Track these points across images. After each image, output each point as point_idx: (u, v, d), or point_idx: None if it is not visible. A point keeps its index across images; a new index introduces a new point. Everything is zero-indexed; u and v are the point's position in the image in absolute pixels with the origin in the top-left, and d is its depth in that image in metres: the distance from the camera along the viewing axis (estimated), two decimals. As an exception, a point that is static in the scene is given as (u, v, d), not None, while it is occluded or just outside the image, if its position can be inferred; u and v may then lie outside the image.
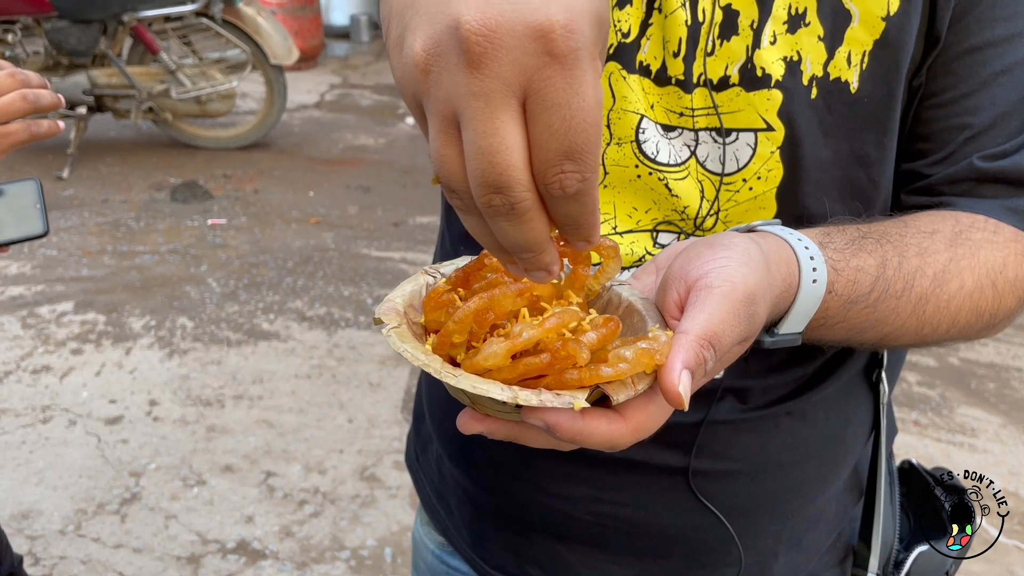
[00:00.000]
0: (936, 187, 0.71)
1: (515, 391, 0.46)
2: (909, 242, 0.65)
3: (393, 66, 0.42)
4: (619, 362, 0.46)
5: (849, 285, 0.61)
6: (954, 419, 3.00)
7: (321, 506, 2.47)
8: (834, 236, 0.63)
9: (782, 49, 0.67)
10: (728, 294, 0.49)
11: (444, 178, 0.41)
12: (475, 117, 0.38)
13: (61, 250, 3.91)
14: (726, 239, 0.54)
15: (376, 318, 0.52)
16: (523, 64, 0.37)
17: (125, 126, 5.45)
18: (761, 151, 0.68)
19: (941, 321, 0.66)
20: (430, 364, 0.48)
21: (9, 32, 4.54)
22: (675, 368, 0.46)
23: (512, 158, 0.38)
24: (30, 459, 2.59)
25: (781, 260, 0.57)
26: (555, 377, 0.47)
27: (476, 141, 0.38)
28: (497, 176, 0.39)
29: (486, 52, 0.37)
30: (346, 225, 4.33)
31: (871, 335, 0.65)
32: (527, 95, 0.38)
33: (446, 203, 0.86)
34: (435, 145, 0.40)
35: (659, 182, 0.70)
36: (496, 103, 0.38)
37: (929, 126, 0.70)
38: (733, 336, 0.49)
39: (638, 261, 0.73)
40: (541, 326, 0.48)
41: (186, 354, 3.16)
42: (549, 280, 0.46)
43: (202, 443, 2.70)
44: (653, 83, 0.69)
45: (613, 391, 0.47)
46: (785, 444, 0.79)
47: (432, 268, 0.59)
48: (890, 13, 0.66)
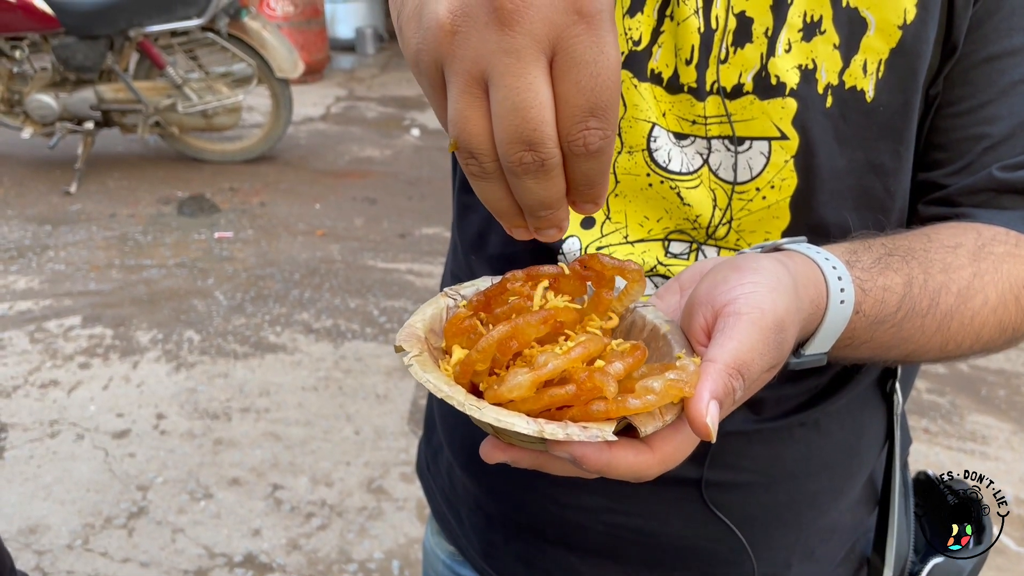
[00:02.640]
0: (954, 198, 0.70)
1: (541, 424, 0.45)
2: (934, 258, 0.64)
3: (408, 37, 0.42)
4: (647, 394, 0.45)
5: (876, 305, 0.60)
6: (964, 427, 2.98)
7: (328, 519, 2.46)
8: (861, 254, 0.62)
9: (797, 57, 0.66)
10: (757, 321, 0.48)
11: (466, 140, 0.42)
12: (507, 73, 0.39)
13: (69, 264, 3.92)
14: (753, 262, 0.53)
15: (397, 346, 0.51)
16: (553, 21, 0.38)
17: (132, 141, 5.48)
18: (775, 160, 0.68)
19: (965, 337, 0.65)
20: (453, 396, 0.47)
21: (17, 49, 4.57)
22: (703, 399, 0.45)
23: (545, 114, 0.40)
24: (38, 473, 2.59)
25: (809, 281, 0.56)
26: (581, 408, 0.46)
27: (509, 97, 0.39)
28: (531, 132, 0.40)
29: (518, 9, 0.38)
30: (352, 237, 4.34)
31: (896, 353, 0.64)
32: (555, 52, 0.39)
33: (459, 210, 0.86)
34: (458, 107, 0.41)
35: (671, 191, 0.70)
36: (528, 60, 0.39)
37: (946, 135, 0.70)
38: (762, 364, 0.48)
39: (650, 271, 0.72)
40: (566, 355, 0.47)
41: (193, 367, 3.16)
42: (559, 236, 0.47)
43: (209, 456, 2.69)
44: (665, 91, 0.69)
45: (641, 423, 0.46)
46: (799, 455, 0.78)
47: (452, 290, 0.59)
48: (907, 21, 0.65)
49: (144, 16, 4.53)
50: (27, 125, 4.72)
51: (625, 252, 0.72)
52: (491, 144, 0.42)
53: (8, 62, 4.63)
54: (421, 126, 6.17)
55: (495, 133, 0.41)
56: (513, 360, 0.50)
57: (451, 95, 0.41)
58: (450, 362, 0.51)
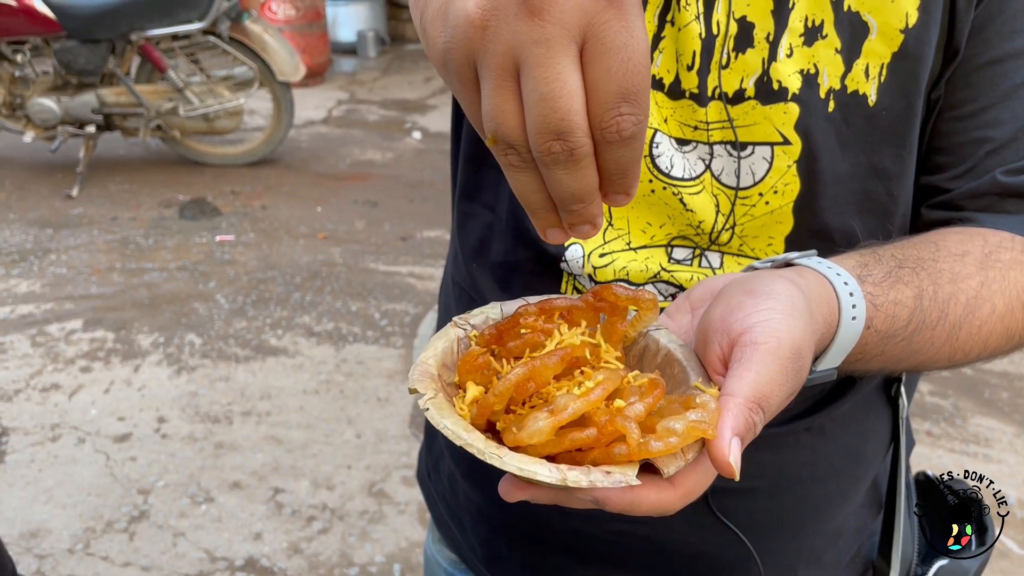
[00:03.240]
0: (957, 202, 0.70)
1: (563, 472, 0.45)
2: (942, 267, 0.63)
3: (434, 37, 0.42)
4: (669, 436, 0.45)
5: (888, 320, 0.60)
6: (967, 429, 2.98)
7: (329, 522, 2.45)
8: (872, 267, 0.61)
9: (799, 62, 0.66)
10: (775, 351, 0.48)
11: (502, 132, 0.42)
12: (538, 64, 0.39)
13: (70, 268, 3.92)
14: (767, 285, 0.52)
15: (411, 388, 0.51)
16: (583, 8, 0.39)
17: (134, 144, 5.48)
18: (778, 165, 0.67)
19: (973, 346, 0.64)
20: (473, 444, 0.46)
21: (19, 52, 4.57)
22: (725, 437, 0.45)
23: (574, 103, 0.40)
24: (39, 477, 2.59)
25: (822, 300, 0.55)
26: (602, 451, 0.46)
27: (538, 88, 0.40)
28: (559, 121, 0.40)
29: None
30: (354, 240, 4.34)
31: (905, 364, 0.64)
32: (585, 39, 0.39)
33: (459, 218, 0.86)
34: (494, 101, 0.41)
35: (673, 196, 0.69)
36: (557, 48, 0.39)
37: (948, 139, 0.69)
38: (782, 395, 0.48)
39: (653, 277, 0.72)
40: (586, 398, 0.46)
41: (194, 371, 3.16)
42: (593, 234, 0.47)
43: (210, 460, 2.69)
44: (666, 96, 0.69)
45: (663, 464, 0.46)
46: (804, 460, 0.78)
47: (462, 319, 0.58)
48: (908, 25, 0.65)
49: (146, 20, 4.54)
50: (29, 129, 4.72)
51: (628, 258, 0.72)
52: (525, 135, 0.42)
53: (10, 66, 4.63)
54: (422, 129, 6.18)
55: (527, 123, 0.41)
56: (530, 398, 0.50)
57: (485, 90, 0.41)
58: (464, 400, 0.51)
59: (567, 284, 0.75)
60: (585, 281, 0.74)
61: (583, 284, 0.74)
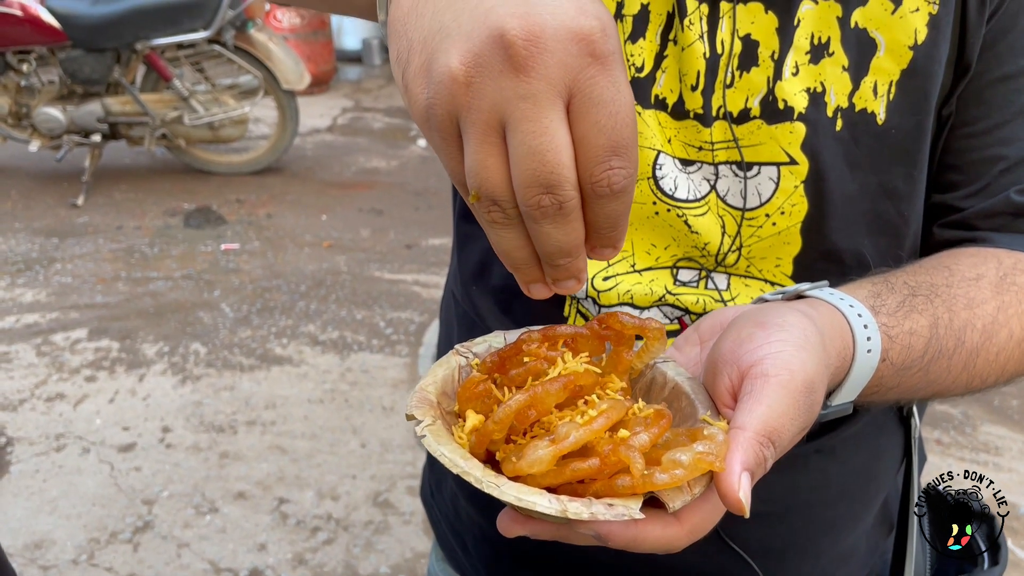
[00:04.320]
0: (970, 221, 0.69)
1: (564, 503, 0.43)
2: (956, 293, 0.62)
3: (416, 94, 0.42)
4: (674, 468, 0.43)
5: (903, 351, 0.58)
6: (977, 437, 2.95)
7: (334, 533, 2.44)
8: (885, 297, 0.60)
9: (805, 80, 0.65)
10: (787, 384, 0.47)
11: (488, 188, 0.41)
12: (525, 118, 0.39)
13: (75, 277, 3.93)
14: (779, 316, 0.51)
15: (408, 414, 0.49)
16: (568, 65, 0.39)
17: (139, 153, 5.49)
18: (784, 185, 0.66)
19: (991, 373, 0.63)
20: (470, 472, 0.45)
21: (24, 62, 4.59)
22: (734, 471, 0.44)
23: (562, 156, 0.40)
24: (43, 488, 2.58)
25: (835, 333, 0.54)
26: (605, 482, 0.45)
27: (527, 141, 0.39)
28: (548, 174, 0.40)
29: (532, 55, 0.38)
30: (359, 248, 4.33)
31: (922, 394, 0.63)
32: (572, 95, 0.39)
33: (459, 239, 0.85)
34: (477, 157, 0.41)
35: (678, 219, 0.68)
36: (544, 103, 0.39)
37: (961, 157, 0.68)
38: (793, 429, 0.47)
39: (658, 300, 0.71)
40: (588, 427, 0.45)
41: (199, 380, 3.15)
42: (578, 289, 0.46)
43: (215, 470, 2.68)
44: (670, 117, 0.68)
45: (668, 498, 0.45)
46: (815, 482, 0.76)
47: (464, 347, 0.57)
48: (918, 42, 0.64)
49: (151, 29, 4.55)
50: (35, 138, 4.74)
51: (632, 281, 0.71)
52: (512, 191, 0.41)
53: (16, 75, 4.64)
54: (427, 136, 6.17)
55: (514, 178, 0.41)
56: (531, 427, 0.48)
57: (469, 146, 0.41)
58: (464, 428, 0.49)
59: (570, 307, 0.74)
60: (589, 305, 0.73)
61: (587, 308, 0.73)
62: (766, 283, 0.70)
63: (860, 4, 0.65)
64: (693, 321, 0.71)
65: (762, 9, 0.65)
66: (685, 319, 0.71)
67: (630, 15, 0.67)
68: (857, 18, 0.65)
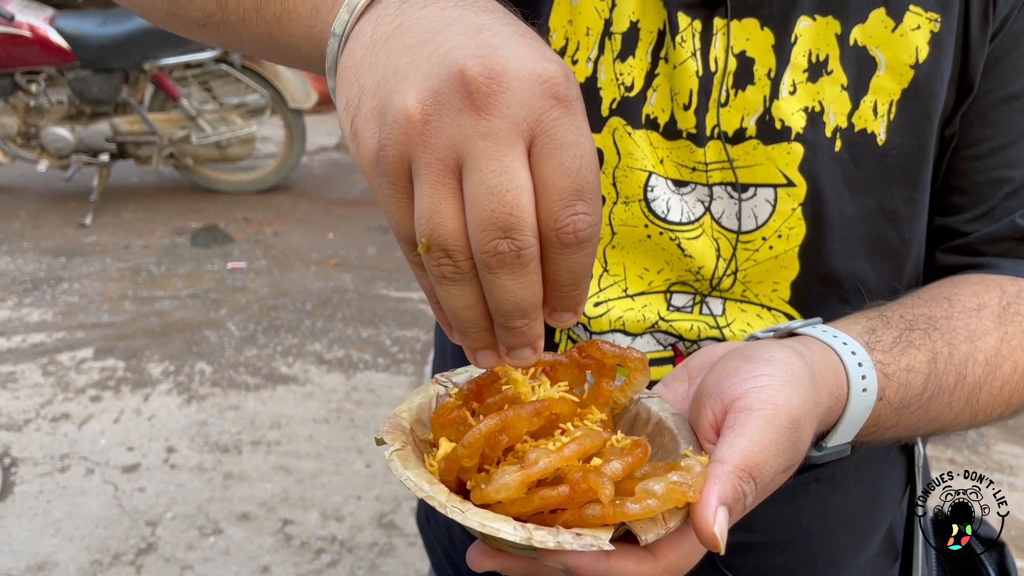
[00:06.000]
0: (975, 246, 0.67)
1: (529, 531, 0.41)
2: (956, 325, 0.60)
3: (366, 138, 0.40)
4: (647, 498, 0.42)
5: (901, 389, 0.56)
6: (991, 456, 2.91)
7: (339, 555, 2.42)
8: (880, 333, 0.58)
9: (803, 99, 0.63)
10: (771, 418, 0.45)
11: (440, 236, 0.39)
12: (484, 156, 0.37)
13: (83, 296, 3.93)
14: (766, 351, 0.50)
15: (378, 438, 0.47)
16: (531, 105, 0.37)
17: (147, 172, 5.51)
18: (782, 208, 0.64)
19: (995, 407, 0.61)
20: (435, 497, 0.43)
21: (33, 83, 4.62)
22: (710, 505, 0.42)
23: (523, 198, 0.37)
24: (47, 509, 2.57)
25: (828, 371, 0.52)
26: (575, 512, 0.43)
27: (486, 180, 0.37)
28: (507, 215, 0.37)
29: (494, 93, 0.36)
30: (365, 266, 4.33)
31: (923, 431, 0.61)
32: (534, 136, 0.37)
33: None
34: (431, 200, 0.38)
35: (671, 242, 0.66)
36: (505, 142, 0.37)
37: (965, 179, 0.66)
38: (776, 466, 0.45)
39: (651, 327, 0.69)
40: (559, 453, 0.43)
41: (204, 399, 3.14)
42: (533, 361, 0.43)
43: (219, 491, 2.66)
44: (662, 136, 0.66)
45: (641, 530, 0.43)
46: (816, 512, 0.74)
47: (444, 377, 0.55)
48: (919, 61, 0.62)
49: (158, 49, 4.57)
50: (43, 158, 4.76)
51: (624, 307, 0.69)
52: (466, 239, 0.39)
53: (25, 96, 4.68)
54: (434, 153, 6.19)
55: (469, 221, 0.38)
56: (504, 456, 0.46)
57: (421, 189, 0.38)
58: (436, 456, 0.47)
59: (561, 334, 0.72)
60: (580, 331, 0.71)
61: (578, 335, 0.71)
62: (762, 308, 0.68)
63: (859, 21, 0.64)
64: (687, 348, 0.69)
65: (757, 25, 0.64)
66: (679, 346, 0.69)
67: (619, 33, 0.66)
68: (856, 36, 0.63)
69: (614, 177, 0.67)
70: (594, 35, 0.66)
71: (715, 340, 0.68)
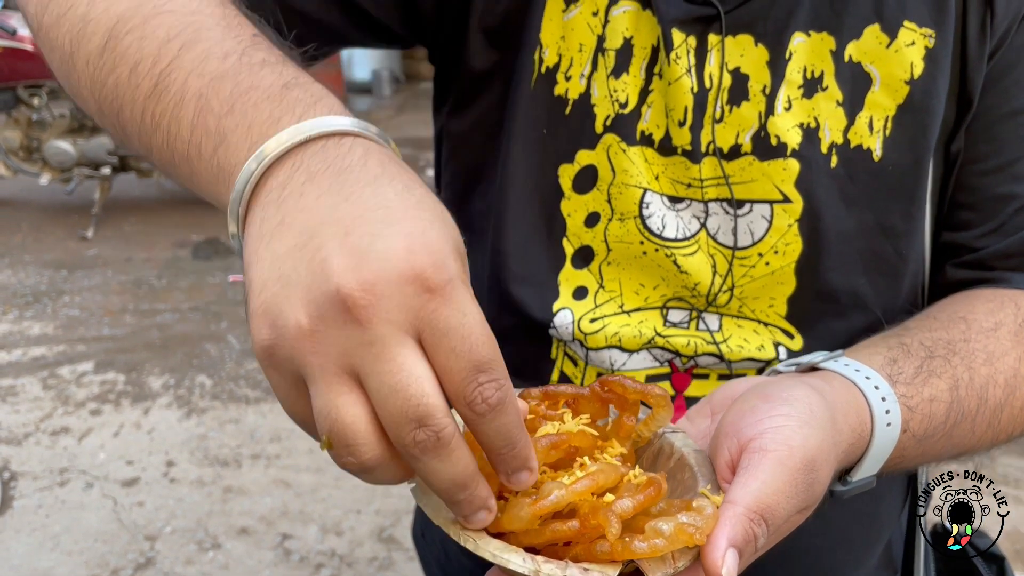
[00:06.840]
0: (987, 261, 0.67)
1: (538, 564, 0.42)
2: (975, 348, 0.60)
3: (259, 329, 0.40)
4: (655, 537, 0.42)
5: (924, 420, 0.56)
6: (995, 469, 2.89)
7: (338, 569, 2.41)
8: (902, 364, 0.58)
9: (798, 115, 0.63)
10: (785, 460, 0.45)
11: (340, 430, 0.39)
12: (376, 361, 0.38)
13: (83, 310, 3.94)
14: (786, 390, 0.49)
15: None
16: (407, 306, 0.38)
17: (149, 185, 5.53)
18: (778, 224, 0.64)
19: (1016, 426, 0.61)
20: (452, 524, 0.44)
21: (35, 96, 4.65)
22: (720, 547, 0.42)
23: (425, 386, 0.38)
24: (46, 523, 2.56)
25: (850, 408, 0.52)
26: (585, 546, 0.43)
27: (385, 381, 0.38)
28: (415, 407, 0.38)
29: (370, 304, 0.37)
30: (365, 279, 4.33)
31: (946, 457, 0.61)
32: (420, 330, 0.38)
33: None
34: (327, 397, 0.38)
35: (666, 258, 0.67)
36: (392, 344, 0.38)
37: (974, 194, 0.66)
38: (789, 508, 0.45)
39: (647, 343, 0.69)
40: (572, 487, 0.44)
41: (204, 413, 3.14)
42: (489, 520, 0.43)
43: (218, 505, 2.66)
44: (657, 153, 0.66)
45: (649, 568, 0.43)
46: (814, 528, 0.73)
47: None
48: (914, 76, 0.63)
49: (161, 63, 4.59)
50: (45, 171, 4.78)
51: (620, 323, 0.69)
52: (370, 429, 0.39)
53: (27, 109, 4.70)
54: (435, 166, 6.21)
55: (383, 421, 0.39)
56: None
57: (317, 390, 0.39)
58: None
59: (557, 350, 0.72)
60: (576, 348, 0.71)
61: (574, 350, 0.71)
62: (759, 324, 0.68)
63: (854, 37, 0.64)
64: (684, 364, 0.69)
65: (752, 42, 0.64)
66: (676, 362, 0.69)
67: (612, 49, 0.66)
68: (851, 52, 0.64)
69: (609, 194, 0.67)
70: (587, 51, 0.66)
71: (712, 356, 0.68)
